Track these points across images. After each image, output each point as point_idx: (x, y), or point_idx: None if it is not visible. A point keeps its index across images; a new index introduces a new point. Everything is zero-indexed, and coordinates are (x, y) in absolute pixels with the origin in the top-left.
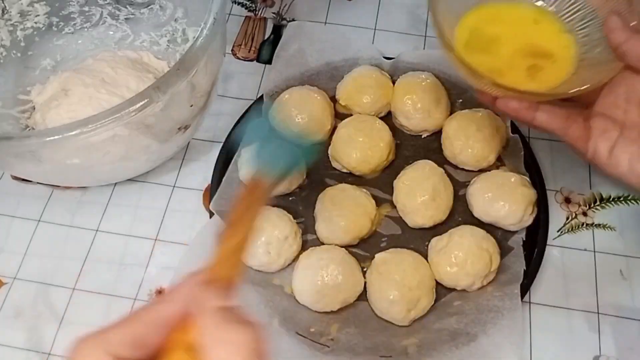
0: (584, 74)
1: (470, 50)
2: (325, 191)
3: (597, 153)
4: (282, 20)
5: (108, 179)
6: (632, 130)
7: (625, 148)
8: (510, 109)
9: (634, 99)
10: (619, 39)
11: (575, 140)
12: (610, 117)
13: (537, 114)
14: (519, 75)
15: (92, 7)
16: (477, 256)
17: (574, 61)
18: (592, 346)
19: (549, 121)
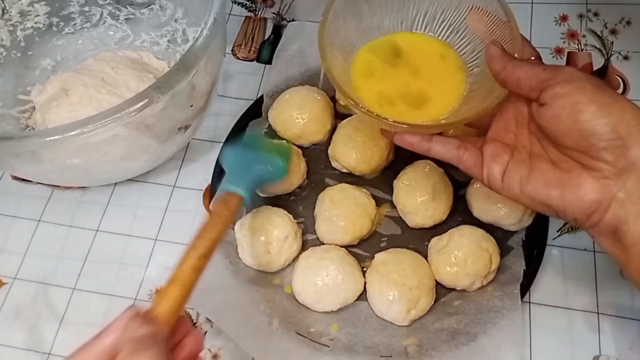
0: (473, 103)
1: (365, 84)
2: (325, 191)
3: (491, 178)
4: (282, 20)
5: (108, 179)
6: (521, 152)
7: (515, 170)
8: (406, 143)
9: (522, 122)
10: (498, 67)
11: (470, 167)
12: (502, 141)
13: (432, 145)
14: (409, 109)
15: (92, 7)
16: (477, 256)
17: (461, 96)
18: (592, 346)
19: (442, 151)
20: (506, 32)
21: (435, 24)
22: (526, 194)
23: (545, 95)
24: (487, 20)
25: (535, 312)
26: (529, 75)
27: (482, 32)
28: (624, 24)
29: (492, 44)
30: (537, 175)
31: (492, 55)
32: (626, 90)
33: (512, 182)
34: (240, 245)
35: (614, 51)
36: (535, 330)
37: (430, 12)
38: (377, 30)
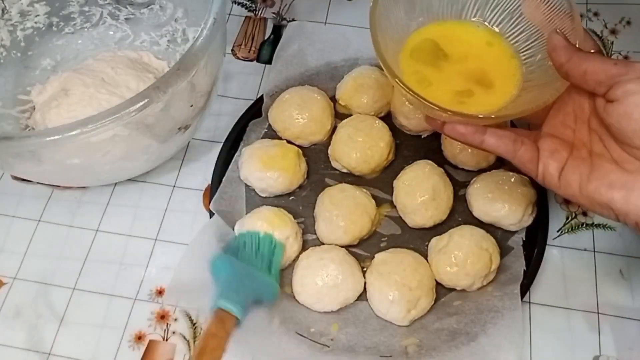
0: (529, 95)
1: (415, 69)
2: (325, 191)
3: (547, 175)
4: (282, 20)
5: (108, 179)
6: (581, 150)
7: (574, 169)
8: (457, 134)
9: (582, 118)
10: (562, 58)
11: (525, 163)
12: (559, 137)
13: (486, 137)
14: (462, 99)
15: (92, 7)
16: (477, 256)
17: (518, 83)
18: (592, 346)
19: (497, 144)
20: (566, 22)
21: (487, 8)
22: (586, 194)
23: (616, 92)
24: (544, 8)
25: (535, 312)
26: (598, 69)
27: (538, 20)
28: (624, 24)
29: (555, 33)
30: (599, 174)
31: (555, 45)
32: None
33: (570, 180)
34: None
35: (614, 51)
36: (535, 330)
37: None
38: (425, 12)
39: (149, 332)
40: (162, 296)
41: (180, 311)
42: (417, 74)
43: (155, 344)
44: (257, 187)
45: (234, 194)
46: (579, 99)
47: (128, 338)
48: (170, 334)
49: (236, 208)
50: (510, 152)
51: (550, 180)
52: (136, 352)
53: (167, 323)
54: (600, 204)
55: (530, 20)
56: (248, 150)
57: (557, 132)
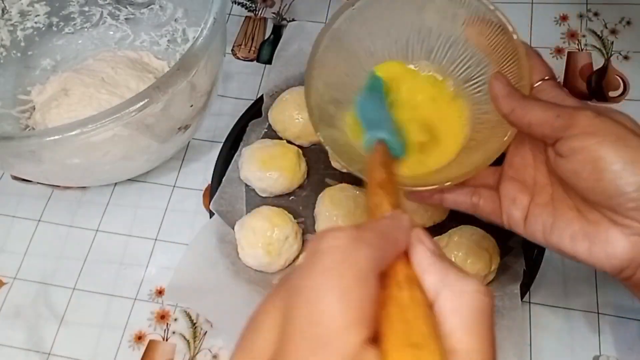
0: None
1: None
2: (325, 191)
3: (512, 224)
4: (282, 20)
5: (108, 179)
6: (541, 195)
7: (537, 217)
8: (418, 198)
9: (540, 158)
10: (504, 109)
11: (489, 214)
12: (520, 180)
13: (444, 196)
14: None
15: (92, 7)
16: (477, 256)
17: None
18: (592, 346)
19: (457, 202)
20: (509, 48)
21: (431, 39)
22: (551, 244)
23: (562, 148)
24: (488, 32)
25: (535, 312)
26: (540, 122)
27: (483, 47)
28: (624, 24)
29: (495, 79)
30: (561, 224)
31: (496, 93)
32: (626, 91)
33: (534, 230)
34: (240, 245)
35: (614, 51)
36: (535, 331)
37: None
38: (370, 55)
39: (149, 332)
40: (162, 296)
41: (180, 311)
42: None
43: (155, 344)
44: (257, 187)
45: (234, 194)
46: (535, 139)
47: (128, 338)
48: (170, 334)
49: (236, 208)
50: (470, 207)
51: (516, 228)
52: (136, 352)
53: (167, 323)
54: (565, 253)
55: (476, 47)
56: (248, 150)
57: (517, 174)
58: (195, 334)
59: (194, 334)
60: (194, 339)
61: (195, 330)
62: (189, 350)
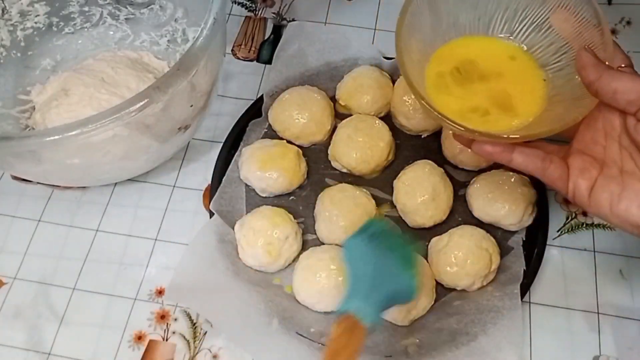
0: (557, 110)
1: (441, 89)
2: (325, 191)
3: (577, 193)
4: (282, 20)
5: (108, 179)
6: (611, 168)
7: (604, 187)
8: (485, 153)
9: (613, 135)
10: (591, 76)
11: (554, 180)
12: (589, 154)
13: (514, 155)
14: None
15: (92, 7)
16: (477, 256)
17: (544, 99)
18: (592, 346)
19: (526, 163)
20: (595, 36)
21: (515, 21)
22: (616, 214)
23: None
24: (574, 20)
25: (535, 312)
26: (628, 88)
27: (567, 33)
28: (624, 24)
29: (583, 50)
30: (630, 194)
31: (584, 63)
32: None
33: (600, 199)
34: (240, 245)
35: None
36: (535, 330)
37: (512, 8)
38: (452, 27)
39: (149, 332)
40: (162, 296)
41: (180, 311)
42: (443, 92)
43: (155, 344)
44: (257, 187)
45: (234, 194)
46: (609, 115)
47: (128, 338)
48: (170, 334)
49: (236, 208)
50: (539, 170)
51: (581, 198)
52: (136, 352)
53: (167, 323)
54: (631, 223)
55: (559, 33)
56: (248, 150)
57: (587, 149)
58: (195, 334)
59: (194, 334)
60: (194, 339)
61: (195, 330)
62: (189, 350)
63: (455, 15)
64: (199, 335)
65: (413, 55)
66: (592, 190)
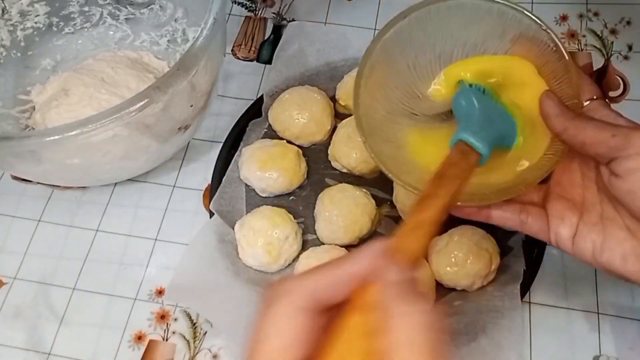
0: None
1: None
2: (325, 191)
3: (560, 243)
4: (282, 20)
5: (108, 179)
6: (591, 213)
7: (586, 236)
8: (464, 214)
9: (590, 176)
10: (557, 128)
11: (536, 232)
12: (568, 198)
13: (491, 212)
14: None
15: (92, 7)
16: (477, 256)
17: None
18: (592, 346)
19: (504, 219)
20: (560, 68)
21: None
22: (600, 264)
23: (618, 168)
24: (536, 50)
25: (535, 312)
26: (595, 141)
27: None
28: (624, 24)
29: (545, 98)
30: (612, 244)
31: (547, 112)
32: (626, 91)
33: (583, 249)
34: (240, 245)
35: (614, 51)
36: (535, 330)
37: (470, 42)
38: (414, 71)
39: (149, 332)
40: (162, 296)
41: (180, 311)
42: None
43: (155, 344)
44: (257, 187)
45: (234, 194)
46: (584, 157)
47: (128, 338)
48: (170, 334)
49: (236, 208)
50: (518, 224)
51: (564, 247)
52: (136, 352)
53: (167, 323)
54: (616, 274)
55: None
56: (248, 150)
57: (565, 192)
58: (195, 334)
59: (194, 334)
60: (194, 339)
61: (195, 330)
62: (189, 350)
63: (414, 60)
64: (199, 335)
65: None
66: (574, 239)
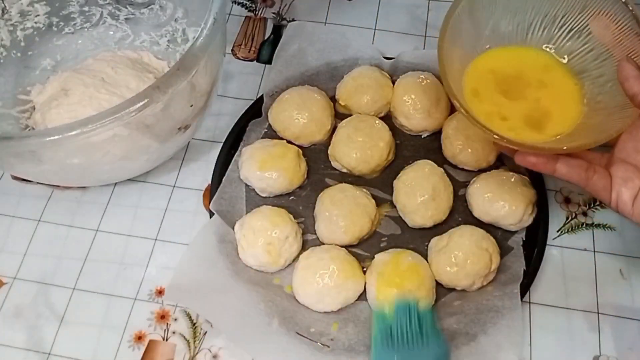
0: (598, 118)
1: (479, 99)
2: (325, 191)
3: (620, 203)
4: (282, 20)
5: (108, 179)
6: None
7: None
8: (528, 164)
9: None
10: (635, 89)
11: (598, 190)
12: (632, 163)
13: (557, 166)
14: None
15: (92, 7)
16: (477, 256)
17: (583, 107)
18: (592, 346)
19: (570, 173)
20: (636, 44)
21: (554, 27)
22: None
23: None
24: (614, 27)
25: (535, 312)
26: None
27: (607, 40)
28: None
29: (626, 62)
30: None
31: (626, 75)
32: None
33: None
34: (240, 245)
35: None
36: (535, 330)
37: (551, 14)
38: (491, 36)
39: (149, 332)
40: (162, 296)
41: (180, 311)
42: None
43: (155, 344)
44: (257, 187)
45: (234, 194)
46: None
47: (128, 338)
48: (170, 334)
49: (236, 208)
50: (582, 181)
51: (624, 207)
52: (136, 352)
53: (167, 323)
54: None
55: (599, 40)
56: (248, 150)
57: (630, 158)
58: (195, 334)
59: (194, 334)
60: (194, 339)
61: (195, 330)
62: (189, 350)
63: (494, 22)
64: (199, 335)
65: (454, 65)
66: (635, 200)
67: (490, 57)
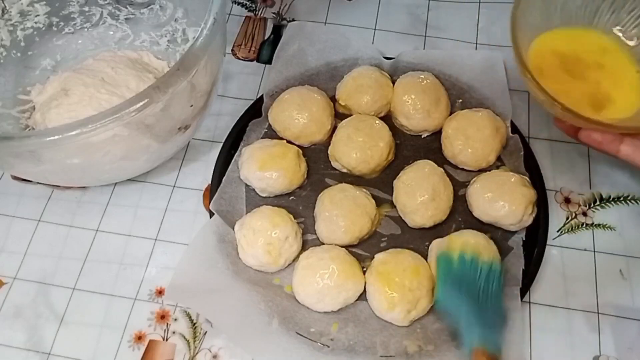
0: None
1: (543, 76)
2: (325, 191)
3: None
4: (282, 20)
5: (108, 179)
6: None
7: None
8: (593, 141)
9: None
10: None
11: None
12: None
13: (622, 146)
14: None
15: (92, 7)
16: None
17: None
18: (592, 346)
19: (635, 154)
20: None
21: (624, 10)
22: None
23: None
24: None
25: (535, 312)
26: None
27: None
28: None
29: None
30: None
31: None
32: None
33: None
34: (240, 245)
35: None
36: (535, 330)
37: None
38: (559, 13)
39: (149, 332)
40: (162, 296)
41: (180, 311)
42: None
43: (155, 344)
44: (257, 187)
45: (234, 194)
46: None
47: (128, 338)
48: (170, 334)
49: (236, 208)
50: None
51: None
52: (136, 352)
53: (167, 323)
54: None
55: None
56: (248, 150)
57: None
58: (195, 334)
59: (194, 334)
60: (194, 339)
61: (195, 330)
62: (189, 350)
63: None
64: (199, 335)
65: (525, 39)
66: None
67: (552, 36)
